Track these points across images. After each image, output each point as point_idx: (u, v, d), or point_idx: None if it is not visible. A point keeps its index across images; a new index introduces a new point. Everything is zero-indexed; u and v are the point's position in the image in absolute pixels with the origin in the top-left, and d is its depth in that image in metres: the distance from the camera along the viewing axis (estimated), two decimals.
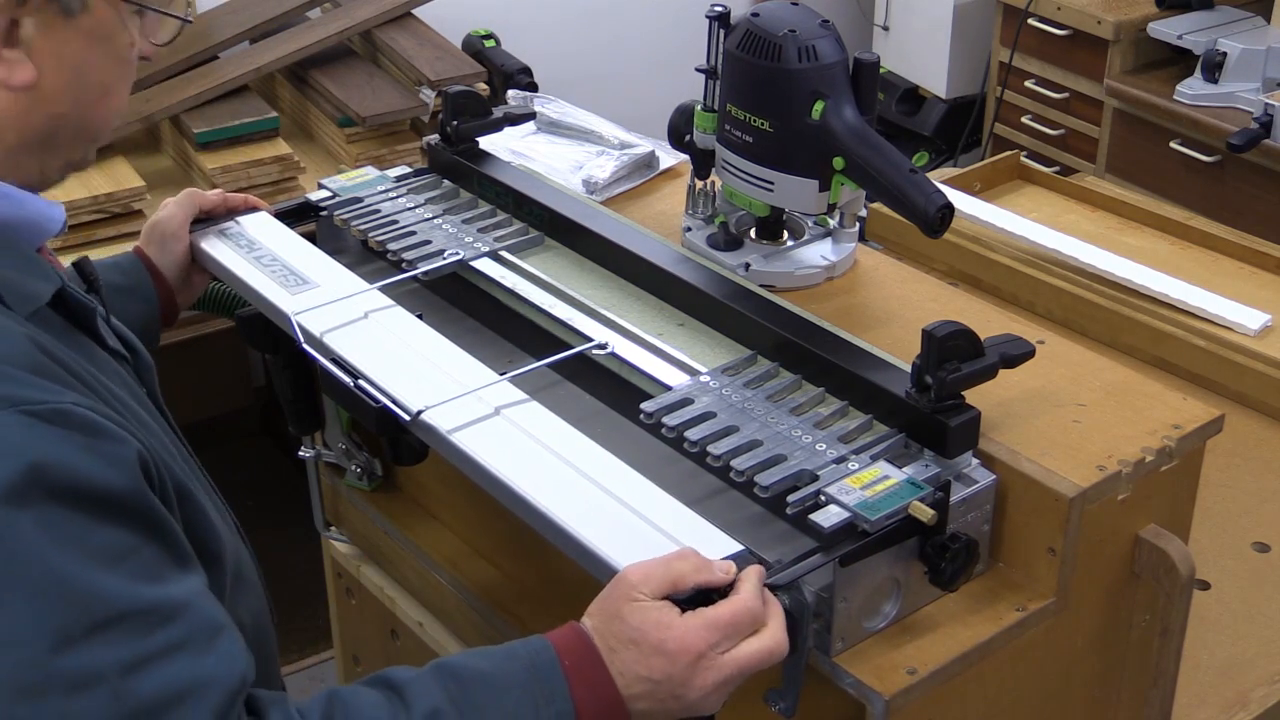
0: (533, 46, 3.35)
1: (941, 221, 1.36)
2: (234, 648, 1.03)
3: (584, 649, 1.09)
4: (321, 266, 1.51)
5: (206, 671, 1.00)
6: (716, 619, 1.07)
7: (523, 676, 1.08)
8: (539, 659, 1.09)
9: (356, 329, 1.40)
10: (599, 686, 1.08)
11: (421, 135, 2.58)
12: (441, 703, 1.06)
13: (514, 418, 1.26)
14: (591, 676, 1.08)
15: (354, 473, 1.73)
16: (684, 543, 1.13)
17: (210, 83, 2.71)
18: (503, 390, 1.30)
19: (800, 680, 1.17)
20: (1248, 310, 1.86)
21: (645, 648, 1.07)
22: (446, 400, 1.28)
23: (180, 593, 1.02)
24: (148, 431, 1.11)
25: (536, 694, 1.07)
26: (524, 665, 1.09)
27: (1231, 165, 3.05)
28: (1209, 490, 1.35)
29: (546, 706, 1.07)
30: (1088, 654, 1.31)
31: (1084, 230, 2.09)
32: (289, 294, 1.46)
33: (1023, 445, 1.24)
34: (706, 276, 1.44)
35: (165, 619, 1.00)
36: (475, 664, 1.10)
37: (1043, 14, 3.43)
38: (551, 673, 1.08)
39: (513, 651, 1.10)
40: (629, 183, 1.74)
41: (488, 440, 1.24)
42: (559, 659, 1.09)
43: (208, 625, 1.03)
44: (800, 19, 1.41)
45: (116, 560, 0.99)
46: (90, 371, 1.08)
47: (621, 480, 1.20)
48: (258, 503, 3.14)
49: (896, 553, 1.16)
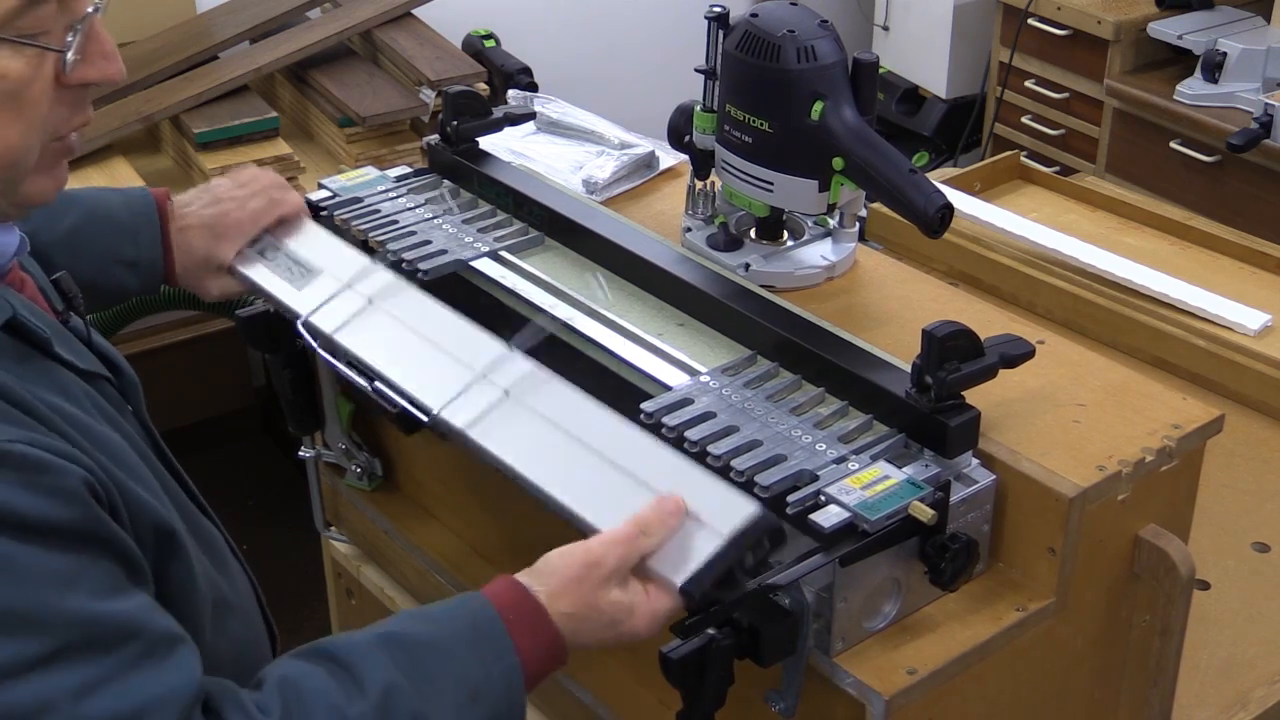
0: (533, 46, 3.35)
1: (941, 221, 1.36)
2: (190, 659, 1.04)
3: (524, 603, 1.12)
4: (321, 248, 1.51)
5: (163, 687, 1.01)
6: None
7: (467, 637, 1.10)
8: (481, 618, 1.11)
9: (364, 321, 1.40)
10: (542, 636, 1.11)
11: (421, 135, 2.58)
12: (394, 677, 1.07)
13: (524, 399, 1.27)
14: (535, 631, 1.11)
15: (354, 473, 1.73)
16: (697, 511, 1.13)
17: (210, 83, 2.71)
18: (510, 367, 1.30)
19: (800, 680, 1.17)
20: (1248, 310, 1.86)
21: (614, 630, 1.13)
22: (459, 394, 1.29)
23: (134, 607, 1.03)
24: (107, 448, 1.10)
25: (483, 652, 1.10)
26: (467, 626, 1.11)
27: (1231, 165, 3.05)
28: (1209, 490, 1.35)
29: (495, 663, 1.10)
30: (1088, 654, 1.31)
31: (1084, 230, 2.09)
32: (297, 290, 1.46)
33: (1023, 445, 1.24)
34: (706, 276, 1.44)
35: (122, 637, 1.00)
36: (420, 630, 1.11)
37: (1043, 14, 3.43)
38: (494, 630, 1.10)
39: (453, 613, 1.12)
40: (629, 183, 1.74)
41: (503, 433, 1.25)
42: (501, 617, 1.11)
43: (164, 639, 1.03)
44: (799, 19, 1.41)
45: (70, 583, 0.99)
46: (41, 396, 1.07)
47: (632, 449, 1.21)
48: (258, 503, 3.15)
49: (896, 553, 1.16)
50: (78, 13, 1.06)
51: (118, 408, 1.20)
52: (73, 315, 1.23)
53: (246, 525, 1.53)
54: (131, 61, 2.83)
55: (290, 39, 2.86)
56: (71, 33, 1.06)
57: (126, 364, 1.28)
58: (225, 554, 1.29)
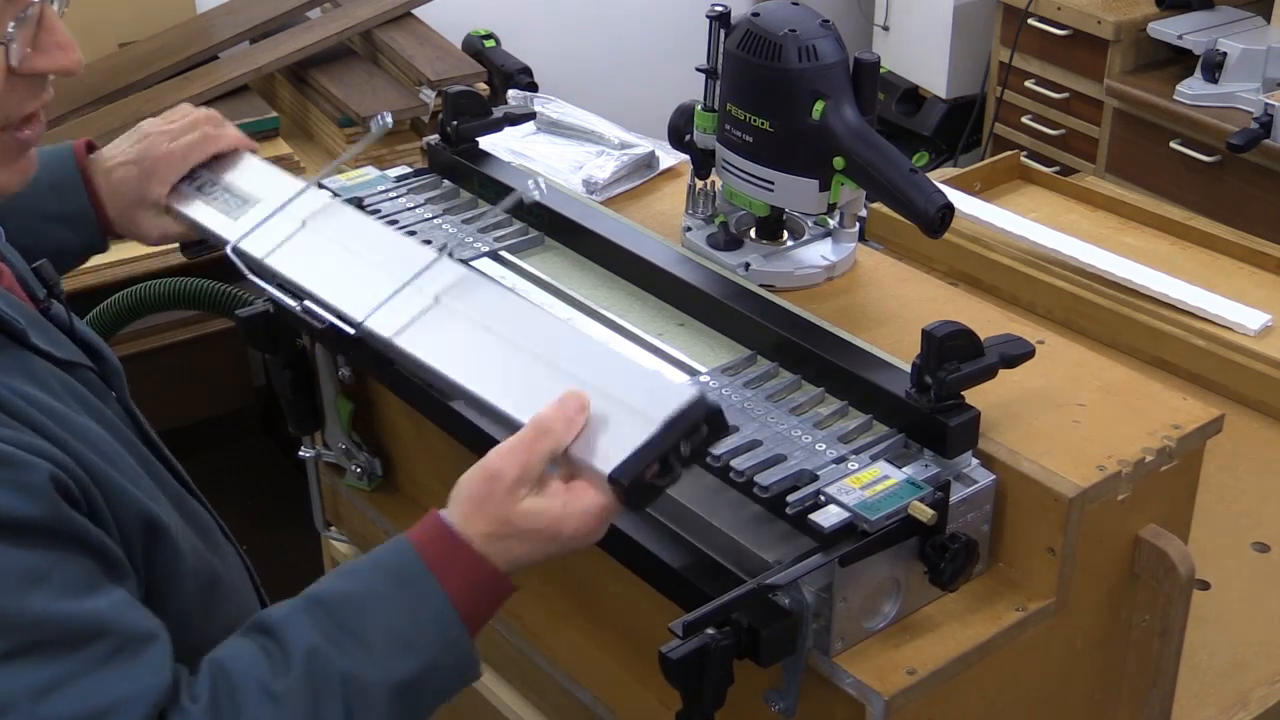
0: (533, 46, 3.35)
1: (941, 221, 1.36)
2: (161, 658, 1.03)
3: (444, 537, 1.07)
4: (258, 178, 1.45)
5: (128, 687, 1.00)
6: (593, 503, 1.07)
7: (390, 585, 1.07)
8: (402, 562, 1.07)
9: (295, 244, 1.36)
10: (469, 570, 1.07)
11: (421, 135, 2.58)
12: (316, 639, 1.04)
13: (451, 304, 1.23)
14: (460, 564, 1.07)
15: (354, 473, 1.72)
16: (630, 399, 1.09)
17: (210, 83, 2.71)
18: (440, 271, 1.26)
19: (800, 680, 1.17)
20: (1248, 310, 1.86)
21: (539, 540, 1.07)
22: (384, 302, 1.24)
23: (106, 605, 1.02)
24: (86, 438, 1.09)
25: (407, 597, 1.06)
26: (389, 574, 1.07)
27: (1231, 165, 3.05)
28: (1209, 490, 1.35)
29: (421, 608, 1.06)
30: (1088, 654, 1.31)
31: (1084, 230, 2.09)
32: (232, 220, 1.40)
33: (1023, 445, 1.24)
34: (706, 276, 1.44)
35: (90, 636, 1.00)
36: (343, 587, 1.08)
37: (1043, 14, 3.43)
38: (416, 571, 1.06)
39: (377, 562, 1.09)
40: (629, 183, 1.74)
41: (430, 339, 1.21)
42: (420, 556, 1.07)
43: (135, 637, 1.02)
44: (800, 19, 1.41)
45: (38, 581, 0.99)
46: (14, 386, 1.07)
47: (562, 345, 1.17)
48: (258, 503, 3.15)
49: (896, 553, 1.16)
50: (23, 2, 1.07)
51: (100, 395, 1.19)
52: (54, 303, 1.23)
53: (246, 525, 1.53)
54: (131, 61, 2.83)
55: (290, 39, 2.86)
56: (15, 22, 1.07)
57: (110, 351, 1.27)
58: (217, 535, 1.28)
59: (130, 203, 1.43)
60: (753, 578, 1.13)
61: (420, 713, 1.09)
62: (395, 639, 1.05)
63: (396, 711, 1.06)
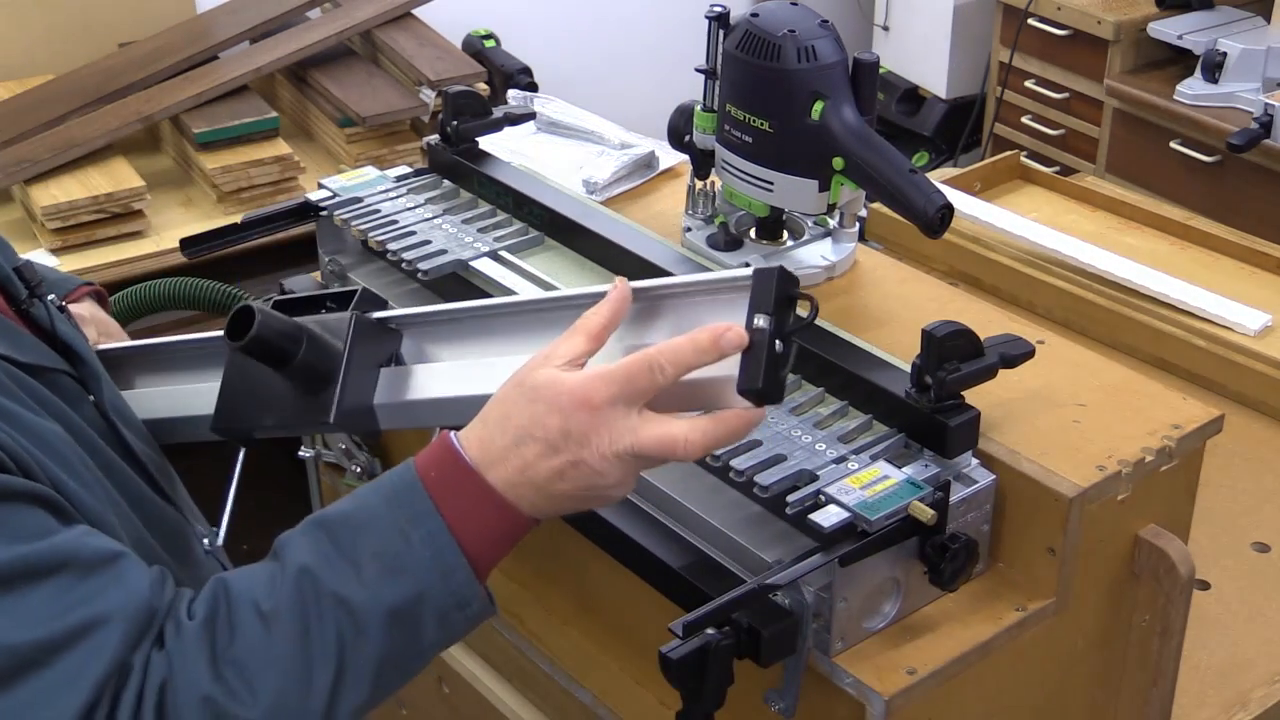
0: (533, 46, 3.35)
1: (941, 221, 1.36)
2: (133, 572, 1.02)
3: (449, 458, 1.02)
4: None
5: (106, 603, 0.99)
6: (613, 373, 1.00)
7: (384, 506, 1.02)
8: (399, 482, 1.03)
9: None
10: (475, 495, 1.02)
11: (421, 135, 2.58)
12: (308, 558, 1.01)
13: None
14: (464, 485, 1.02)
15: (354, 473, 1.72)
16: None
17: (210, 83, 2.71)
18: None
19: (800, 680, 1.17)
20: (1248, 310, 1.86)
21: (540, 407, 1.01)
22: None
23: (64, 539, 1.01)
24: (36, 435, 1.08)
25: (401, 519, 1.02)
26: (384, 495, 1.03)
27: (1231, 165, 3.05)
28: (1209, 490, 1.35)
29: (414, 529, 1.01)
30: (1088, 654, 1.31)
31: (1084, 230, 2.09)
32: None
33: (1023, 445, 1.24)
34: None
35: (55, 567, 0.99)
36: (341, 508, 1.05)
37: (1043, 14, 3.43)
38: (412, 493, 1.02)
39: (379, 482, 1.05)
40: (629, 183, 1.74)
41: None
42: (420, 476, 1.02)
43: (99, 558, 1.01)
44: (800, 19, 1.41)
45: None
46: None
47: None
48: (258, 503, 3.14)
49: (896, 553, 1.16)
50: None
51: (72, 398, 1.19)
52: (36, 303, 1.23)
53: (246, 525, 1.53)
54: (131, 61, 2.84)
55: (290, 39, 2.86)
56: None
57: (91, 355, 1.27)
58: (188, 543, 1.28)
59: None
60: (753, 578, 1.13)
61: (421, 641, 1.04)
62: (386, 562, 1.01)
63: (394, 639, 1.02)
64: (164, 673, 0.98)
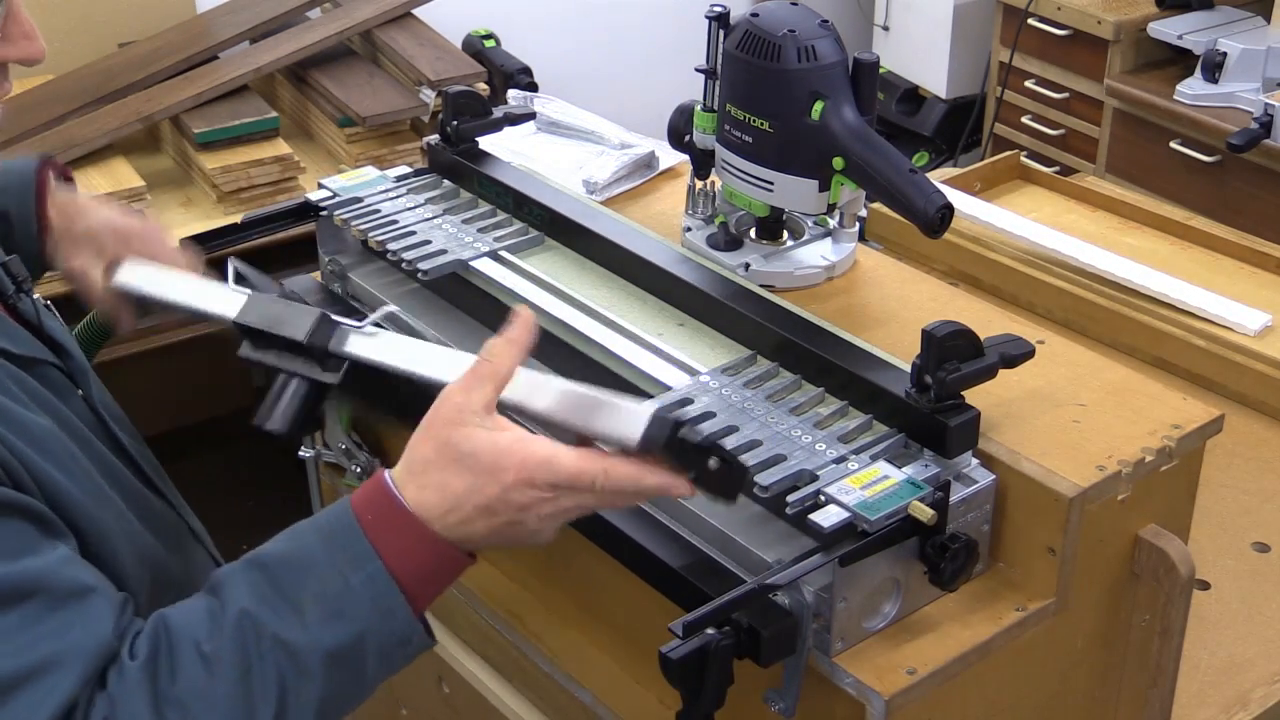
0: (533, 46, 3.35)
1: (941, 221, 1.36)
2: (102, 610, 1.01)
3: (384, 497, 1.03)
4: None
5: (66, 641, 0.99)
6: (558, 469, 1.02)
7: (322, 548, 1.02)
8: (336, 524, 1.03)
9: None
10: (413, 538, 1.02)
11: (421, 135, 2.58)
12: (249, 601, 1.01)
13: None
14: (399, 524, 1.02)
15: (354, 473, 1.72)
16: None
17: (210, 83, 2.71)
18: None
19: (800, 680, 1.17)
20: (1248, 310, 1.86)
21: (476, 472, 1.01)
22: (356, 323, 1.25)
23: (42, 564, 1.01)
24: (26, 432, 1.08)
25: (340, 562, 1.02)
26: (325, 536, 1.03)
27: (1231, 165, 3.05)
28: (1209, 490, 1.35)
29: (355, 572, 1.01)
30: (1088, 654, 1.31)
31: (1084, 230, 2.09)
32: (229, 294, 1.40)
33: (1023, 445, 1.24)
34: (706, 276, 1.44)
35: (24, 594, 0.99)
36: (280, 547, 1.04)
37: (1043, 14, 3.43)
38: (350, 535, 1.02)
39: (316, 523, 1.05)
40: (629, 183, 1.74)
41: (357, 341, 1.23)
42: (357, 518, 1.02)
43: (72, 591, 1.01)
44: (800, 19, 1.41)
45: None
46: None
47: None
48: (258, 503, 3.14)
49: (896, 553, 1.16)
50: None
51: (62, 392, 1.19)
52: (23, 297, 1.23)
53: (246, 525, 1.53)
54: (131, 61, 2.84)
55: (290, 39, 2.86)
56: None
57: (77, 348, 1.27)
58: (179, 534, 1.28)
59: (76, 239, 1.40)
60: (753, 578, 1.13)
61: (363, 679, 1.04)
62: (327, 605, 1.01)
63: (336, 679, 1.02)
64: (105, 713, 0.98)
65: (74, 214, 1.41)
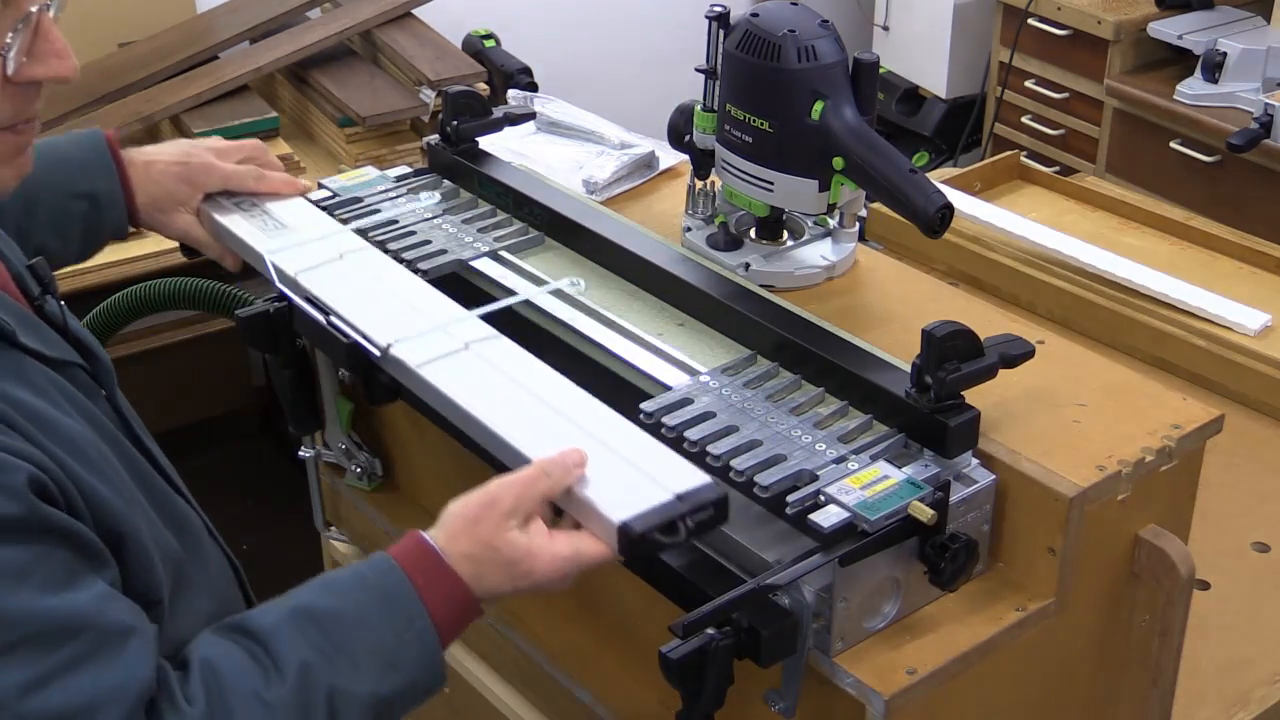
0: (533, 46, 3.35)
1: (941, 221, 1.36)
2: (142, 652, 1.04)
3: (430, 561, 1.12)
4: (302, 214, 1.53)
5: (111, 682, 1.01)
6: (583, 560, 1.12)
7: (378, 605, 1.10)
8: (389, 582, 1.11)
9: (331, 269, 1.43)
10: (452, 595, 1.11)
11: (421, 135, 2.58)
12: (309, 655, 1.07)
13: (483, 352, 1.28)
14: (443, 587, 1.11)
15: (354, 473, 1.72)
16: (650, 472, 1.13)
17: (210, 83, 2.71)
18: (473, 326, 1.31)
19: (800, 680, 1.17)
20: (1248, 310, 1.86)
21: (514, 572, 1.11)
22: (416, 336, 1.30)
23: (87, 600, 1.03)
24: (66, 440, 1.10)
25: (395, 619, 1.10)
26: (377, 594, 1.11)
27: (1231, 165, 3.05)
28: (1209, 490, 1.35)
29: (407, 629, 1.10)
30: (1088, 654, 1.31)
31: (1084, 230, 2.09)
32: (267, 237, 1.47)
33: (1023, 445, 1.24)
34: (706, 276, 1.44)
35: (71, 633, 1.01)
36: (330, 603, 1.11)
37: (1043, 14, 3.43)
38: (405, 594, 1.10)
39: (362, 580, 1.12)
40: (629, 183, 1.74)
41: (455, 374, 1.25)
42: (409, 578, 1.11)
43: (114, 633, 1.04)
44: (800, 19, 1.41)
45: (20, 577, 1.00)
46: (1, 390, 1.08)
47: (588, 411, 1.21)
48: (257, 503, 3.14)
49: (896, 553, 1.16)
50: (20, 11, 1.08)
51: (90, 394, 1.20)
52: (49, 300, 1.24)
53: (246, 525, 1.53)
54: (131, 61, 2.83)
55: (290, 39, 2.86)
56: (13, 32, 1.07)
57: (101, 350, 1.28)
58: (199, 535, 1.29)
59: (163, 195, 1.50)
60: (753, 578, 1.13)
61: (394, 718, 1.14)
62: (382, 658, 1.10)
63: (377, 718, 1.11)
64: None
65: (147, 179, 1.49)
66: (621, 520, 1.09)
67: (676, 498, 1.10)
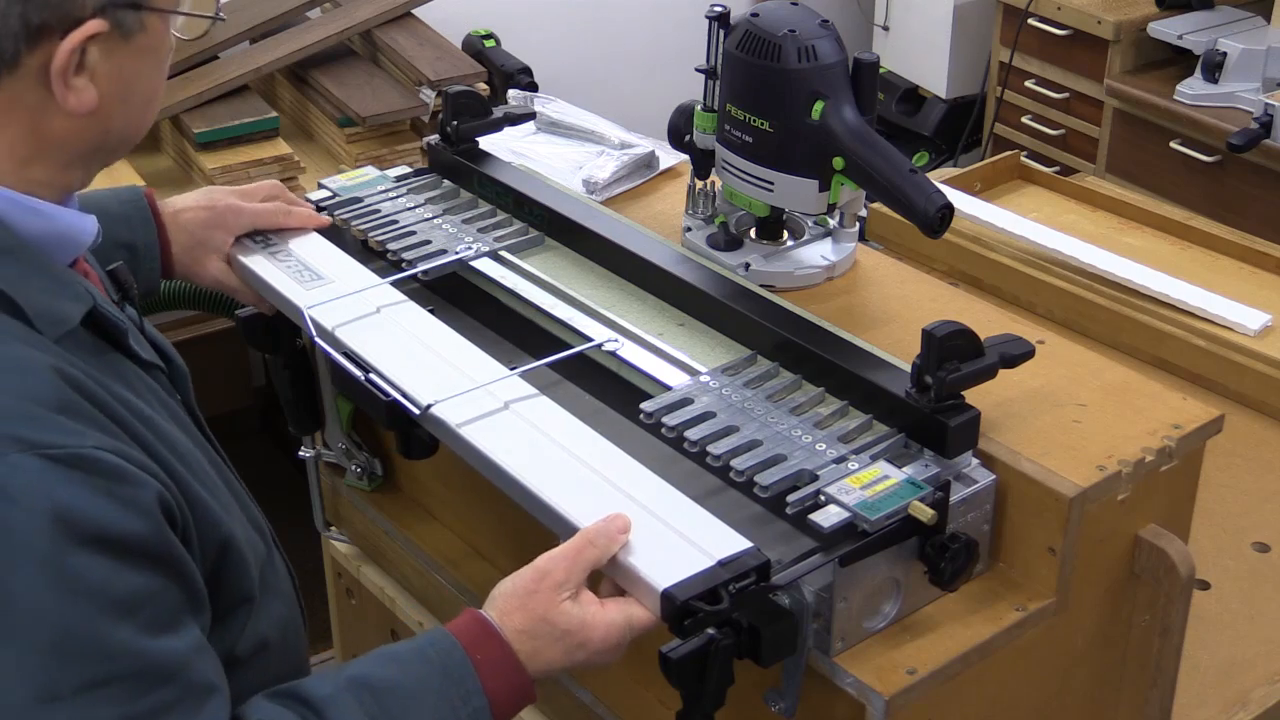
0: (533, 46, 3.35)
1: (941, 221, 1.36)
2: (219, 714, 1.04)
3: (490, 640, 1.12)
4: (335, 262, 1.52)
5: None
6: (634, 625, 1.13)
7: (437, 681, 1.10)
8: (450, 660, 1.11)
9: (368, 323, 1.41)
10: (509, 674, 1.11)
11: (421, 135, 2.58)
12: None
13: (523, 412, 1.28)
14: (501, 666, 1.11)
15: (354, 473, 1.73)
16: (692, 538, 1.13)
17: (210, 83, 2.70)
18: (512, 385, 1.30)
19: (800, 680, 1.17)
20: (1248, 310, 1.86)
21: (569, 643, 1.12)
22: (456, 395, 1.29)
23: (183, 648, 1.02)
24: (175, 448, 1.10)
25: (453, 695, 1.10)
26: (437, 669, 1.11)
27: (1231, 165, 3.04)
28: (1209, 490, 1.35)
29: (464, 705, 1.10)
30: (1088, 654, 1.31)
31: (1084, 230, 2.09)
32: (303, 289, 1.47)
33: (1023, 445, 1.24)
34: (706, 276, 1.44)
35: (161, 679, 1.00)
36: (388, 674, 1.11)
37: (1043, 14, 3.43)
38: (464, 671, 1.10)
39: (422, 654, 1.12)
40: (629, 183, 1.74)
41: (497, 435, 1.25)
42: (469, 655, 1.11)
43: (200, 688, 1.03)
44: (800, 19, 1.41)
45: (132, 610, 0.99)
46: (119, 394, 1.07)
47: (630, 476, 1.21)
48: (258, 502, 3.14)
49: (896, 553, 1.16)
50: None
51: (171, 397, 1.20)
52: (127, 306, 1.24)
53: None
54: None
55: (290, 39, 2.86)
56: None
57: (176, 354, 1.28)
58: (269, 539, 1.29)
59: (195, 243, 1.51)
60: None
61: None
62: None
63: None
64: None
65: (179, 229, 1.50)
66: (665, 588, 1.09)
67: (719, 564, 1.10)
